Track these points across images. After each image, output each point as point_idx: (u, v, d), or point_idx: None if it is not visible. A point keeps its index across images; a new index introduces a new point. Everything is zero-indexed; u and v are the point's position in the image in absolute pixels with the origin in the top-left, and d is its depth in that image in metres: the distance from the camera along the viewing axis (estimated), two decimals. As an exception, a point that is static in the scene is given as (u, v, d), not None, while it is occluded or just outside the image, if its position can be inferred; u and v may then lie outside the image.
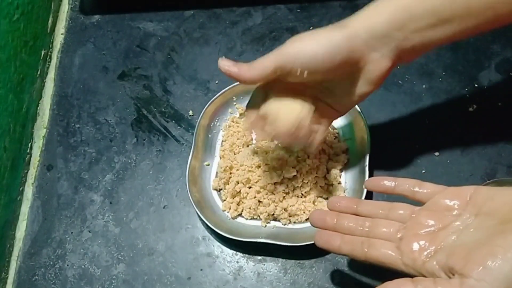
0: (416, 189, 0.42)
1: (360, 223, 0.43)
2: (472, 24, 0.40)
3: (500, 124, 0.57)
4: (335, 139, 0.57)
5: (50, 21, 0.69)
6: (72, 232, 0.59)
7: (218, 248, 0.56)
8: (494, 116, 0.57)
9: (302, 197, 0.54)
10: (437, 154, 0.56)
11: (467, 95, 0.59)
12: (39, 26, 0.66)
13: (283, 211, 0.54)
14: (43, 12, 0.68)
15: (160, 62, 0.67)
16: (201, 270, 0.55)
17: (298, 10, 0.66)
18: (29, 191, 0.63)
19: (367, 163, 0.53)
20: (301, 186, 0.54)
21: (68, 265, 0.58)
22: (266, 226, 0.55)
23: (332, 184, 0.55)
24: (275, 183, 0.54)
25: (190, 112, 0.63)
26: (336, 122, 0.57)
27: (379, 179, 0.44)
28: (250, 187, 0.55)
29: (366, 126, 0.55)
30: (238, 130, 0.59)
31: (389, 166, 0.56)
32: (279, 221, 0.55)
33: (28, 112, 0.64)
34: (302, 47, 0.41)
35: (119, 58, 0.68)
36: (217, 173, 0.58)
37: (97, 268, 0.57)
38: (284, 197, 0.55)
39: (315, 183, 0.54)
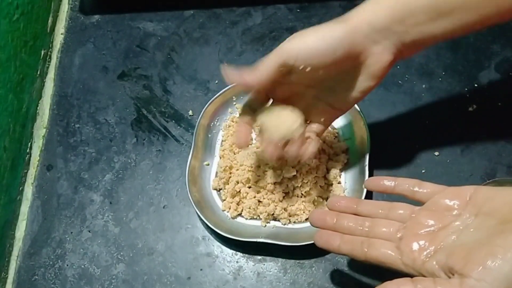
0: (416, 189, 0.42)
1: (360, 223, 0.43)
2: (472, 19, 0.40)
3: (500, 124, 0.57)
4: (335, 139, 0.57)
5: (50, 21, 0.69)
6: (72, 232, 0.59)
7: (218, 248, 0.56)
8: (494, 116, 0.57)
9: (302, 197, 0.54)
10: (437, 154, 0.56)
11: (467, 95, 0.59)
12: (39, 26, 0.66)
13: (283, 211, 0.54)
14: (43, 12, 0.68)
15: (160, 62, 0.66)
16: (201, 270, 0.55)
17: (298, 10, 0.66)
18: (29, 191, 0.63)
19: (367, 163, 0.53)
20: (301, 186, 0.54)
21: (68, 265, 0.58)
22: (266, 226, 0.55)
23: (332, 184, 0.55)
24: (275, 183, 0.54)
25: (190, 112, 0.63)
26: (336, 122, 0.57)
27: (379, 179, 0.44)
28: (250, 187, 0.55)
29: (366, 126, 0.55)
30: (238, 130, 0.59)
31: (389, 166, 0.56)
32: (279, 221, 0.55)
33: (28, 112, 0.64)
34: (303, 43, 0.41)
35: (119, 58, 0.68)
36: (217, 173, 0.58)
37: (96, 268, 0.57)
38: (284, 197, 0.55)
39: (315, 183, 0.54)
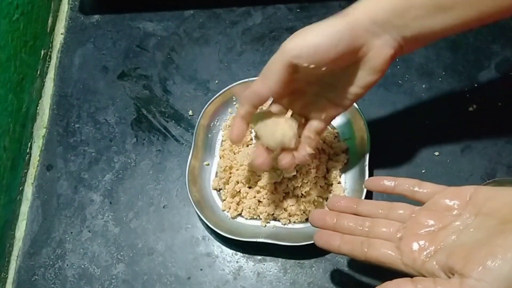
0: (416, 189, 0.42)
1: (360, 223, 0.43)
2: (473, 15, 0.40)
3: (500, 124, 0.57)
4: (335, 139, 0.57)
5: (50, 21, 0.69)
6: (71, 232, 0.59)
7: (218, 248, 0.56)
8: (494, 116, 0.57)
9: (302, 197, 0.54)
10: (437, 154, 0.56)
11: (467, 95, 0.59)
12: (39, 26, 0.66)
13: (283, 211, 0.54)
14: (43, 12, 0.68)
15: (160, 62, 0.66)
16: (201, 270, 0.55)
17: (298, 10, 0.66)
18: (29, 191, 0.63)
19: (367, 163, 0.53)
20: (301, 186, 0.54)
21: (67, 265, 0.58)
22: (266, 226, 0.55)
23: (332, 184, 0.55)
24: (275, 183, 0.54)
25: (190, 112, 0.63)
26: (336, 122, 0.58)
27: (379, 179, 0.44)
28: (250, 187, 0.55)
29: (366, 126, 0.55)
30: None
31: (389, 166, 0.56)
32: (279, 221, 0.55)
33: (28, 112, 0.64)
34: (305, 40, 0.41)
35: (119, 58, 0.68)
36: (217, 172, 0.58)
37: (96, 268, 0.57)
38: (284, 197, 0.55)
39: (315, 183, 0.54)
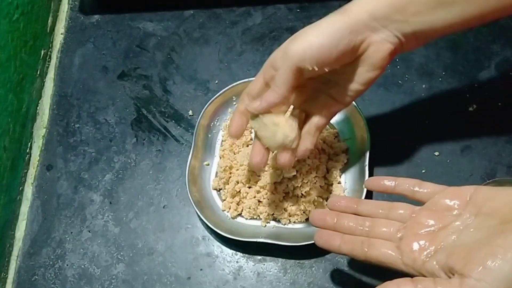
0: (416, 188, 0.42)
1: (360, 222, 0.43)
2: (473, 12, 0.40)
3: (500, 124, 0.57)
4: (335, 139, 0.57)
5: (50, 21, 0.69)
6: (71, 232, 0.59)
7: (218, 248, 0.56)
8: (494, 116, 0.57)
9: (302, 197, 0.54)
10: (437, 154, 0.56)
11: (467, 95, 0.59)
12: (38, 26, 0.66)
13: (283, 211, 0.54)
14: (43, 12, 0.68)
15: (160, 62, 0.66)
16: (201, 270, 0.55)
17: (298, 10, 0.66)
18: (28, 191, 0.63)
19: (367, 163, 0.53)
20: (301, 186, 0.54)
21: (67, 265, 0.58)
22: (266, 226, 0.55)
23: (332, 184, 0.55)
24: (275, 183, 0.54)
25: (190, 112, 0.63)
26: (336, 122, 0.58)
27: (379, 179, 0.44)
28: (250, 187, 0.55)
29: (366, 126, 0.54)
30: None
31: (389, 166, 0.56)
32: (279, 221, 0.55)
33: (28, 112, 0.64)
34: (307, 42, 0.41)
35: (119, 58, 0.68)
36: (217, 172, 0.58)
37: (96, 268, 0.57)
38: (284, 197, 0.55)
39: (315, 183, 0.54)
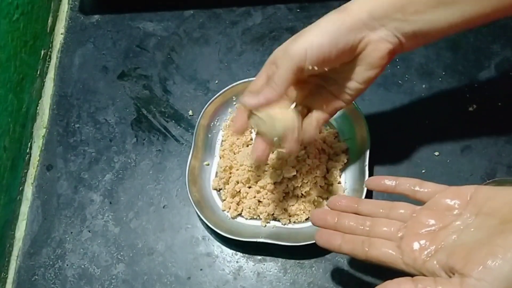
0: (417, 188, 0.42)
1: (361, 222, 0.43)
2: (474, 11, 0.40)
3: (500, 124, 0.57)
4: (335, 139, 0.57)
5: (50, 21, 0.69)
6: (71, 232, 0.59)
7: (218, 248, 0.56)
8: (494, 116, 0.57)
9: (302, 197, 0.54)
10: (437, 154, 0.56)
11: (467, 95, 0.59)
12: (39, 26, 0.66)
13: (283, 211, 0.54)
14: (43, 12, 0.68)
15: (160, 62, 0.66)
16: (201, 270, 0.55)
17: (298, 10, 0.66)
18: (28, 191, 0.63)
19: (367, 163, 0.53)
20: (301, 186, 0.54)
21: (67, 265, 0.58)
22: (266, 226, 0.55)
23: (332, 184, 0.55)
24: (275, 183, 0.54)
25: (190, 112, 0.63)
26: (336, 122, 0.58)
27: (379, 178, 0.44)
28: (250, 187, 0.55)
29: (366, 126, 0.55)
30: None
31: (389, 166, 0.56)
32: (279, 221, 0.55)
33: (28, 112, 0.64)
34: (308, 42, 0.41)
35: (119, 58, 0.68)
36: (217, 172, 0.58)
37: (96, 268, 0.57)
38: (284, 197, 0.55)
39: (315, 183, 0.54)
